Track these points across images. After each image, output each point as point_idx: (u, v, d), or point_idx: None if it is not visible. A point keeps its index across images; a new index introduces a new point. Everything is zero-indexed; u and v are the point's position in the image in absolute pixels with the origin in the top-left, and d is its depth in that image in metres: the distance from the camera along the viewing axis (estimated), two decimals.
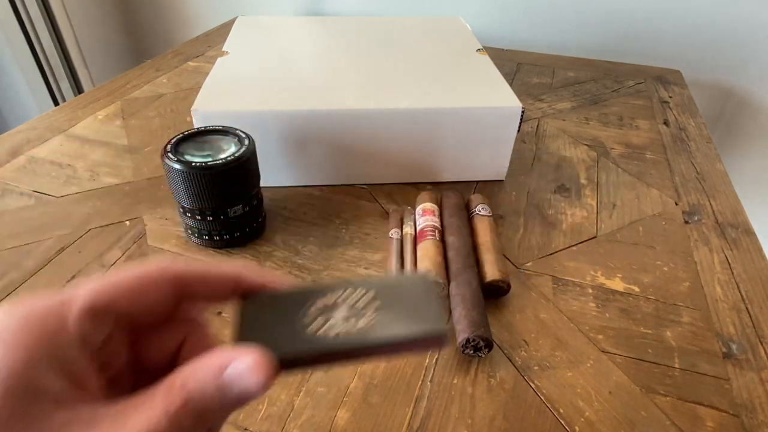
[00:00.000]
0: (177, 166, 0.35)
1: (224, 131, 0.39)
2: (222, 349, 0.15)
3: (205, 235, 0.39)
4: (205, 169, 0.35)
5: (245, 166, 0.37)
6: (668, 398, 0.30)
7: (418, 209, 0.42)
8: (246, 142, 0.38)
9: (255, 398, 0.15)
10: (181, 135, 0.38)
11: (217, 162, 0.35)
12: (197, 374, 0.15)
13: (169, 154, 0.36)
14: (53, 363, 0.14)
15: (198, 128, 0.39)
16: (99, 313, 0.16)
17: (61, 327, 0.15)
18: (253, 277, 0.18)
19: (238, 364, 0.15)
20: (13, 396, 0.13)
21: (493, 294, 0.36)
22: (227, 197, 0.37)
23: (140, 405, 0.14)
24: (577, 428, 0.28)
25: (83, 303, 0.15)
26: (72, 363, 0.15)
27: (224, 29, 0.86)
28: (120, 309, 0.16)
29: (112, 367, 0.17)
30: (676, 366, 0.32)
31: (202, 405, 0.14)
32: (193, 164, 0.35)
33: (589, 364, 0.32)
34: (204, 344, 0.18)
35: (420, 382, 0.31)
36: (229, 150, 0.37)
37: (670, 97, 0.68)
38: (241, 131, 0.39)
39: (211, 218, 0.38)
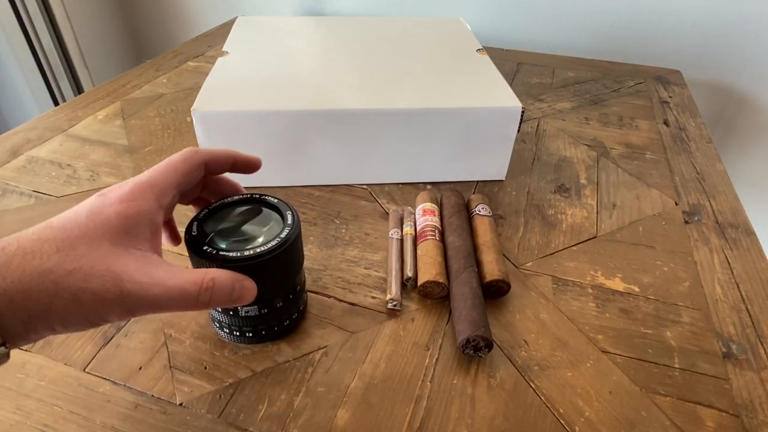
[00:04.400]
0: (202, 256, 0.27)
1: (262, 201, 0.31)
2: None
3: (236, 331, 0.32)
4: (243, 261, 0.27)
5: (290, 251, 0.29)
6: (668, 398, 0.30)
7: (418, 209, 0.42)
8: (290, 218, 0.29)
9: (242, 304, 0.27)
10: (206, 210, 0.30)
11: (261, 252, 0.27)
12: (223, 275, 0.25)
13: (194, 238, 0.28)
14: (150, 222, 0.25)
15: (227, 200, 0.31)
16: (177, 191, 0.27)
17: (156, 202, 0.25)
18: (240, 156, 0.30)
19: (246, 282, 0.26)
20: (127, 224, 0.24)
21: (493, 294, 0.36)
22: (267, 290, 0.29)
23: (186, 271, 0.24)
24: (577, 428, 0.28)
25: (171, 188, 0.26)
26: (156, 226, 0.25)
27: (224, 29, 0.86)
28: (184, 187, 0.28)
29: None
30: (676, 366, 0.32)
31: (218, 292, 0.24)
32: (228, 258, 0.27)
33: (589, 364, 0.32)
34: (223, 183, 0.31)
35: (420, 382, 0.31)
36: (267, 230, 0.29)
37: (670, 97, 0.68)
38: (284, 203, 0.31)
39: (231, 313, 0.31)
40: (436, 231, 0.39)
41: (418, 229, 0.40)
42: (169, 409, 0.29)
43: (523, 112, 0.45)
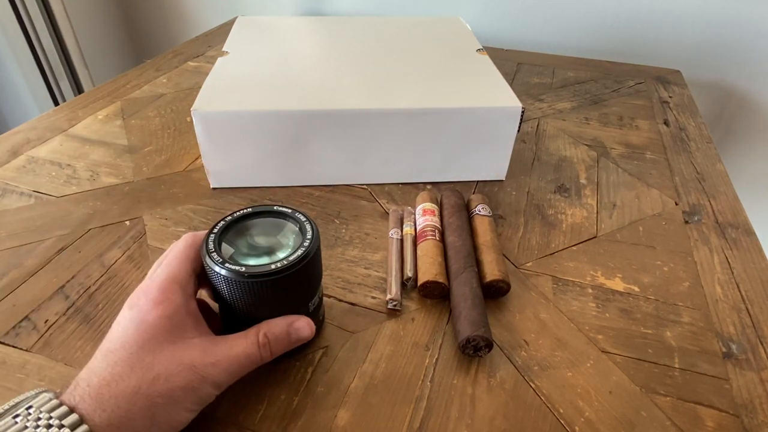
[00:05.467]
0: (223, 272, 0.26)
1: (281, 214, 0.30)
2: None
3: None
4: (263, 276, 0.26)
5: (309, 266, 0.28)
6: (668, 398, 0.30)
7: (418, 209, 0.42)
8: (309, 231, 0.29)
9: (305, 341, 0.29)
10: (224, 222, 0.29)
11: (281, 267, 0.27)
12: (274, 326, 0.28)
13: (213, 254, 0.27)
14: (188, 312, 0.26)
15: (239, 212, 0.30)
16: (194, 275, 0.28)
17: (184, 294, 0.27)
18: None
19: (299, 322, 0.29)
20: (172, 323, 0.25)
21: (493, 294, 0.36)
22: (283, 305, 0.29)
23: (240, 338, 0.27)
24: (577, 428, 0.28)
25: (189, 275, 0.28)
26: (194, 313, 0.27)
27: (224, 29, 0.86)
28: (197, 270, 0.29)
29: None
30: (676, 366, 0.32)
31: (275, 343, 0.27)
32: (246, 273, 0.26)
33: (589, 364, 0.32)
34: None
35: (420, 382, 0.31)
36: (286, 243, 0.29)
37: (670, 97, 0.68)
38: (301, 214, 0.30)
39: None
40: (436, 231, 0.39)
41: (418, 229, 0.40)
42: None
43: (523, 112, 0.45)
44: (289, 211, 0.30)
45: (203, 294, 0.31)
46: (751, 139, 0.82)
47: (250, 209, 0.30)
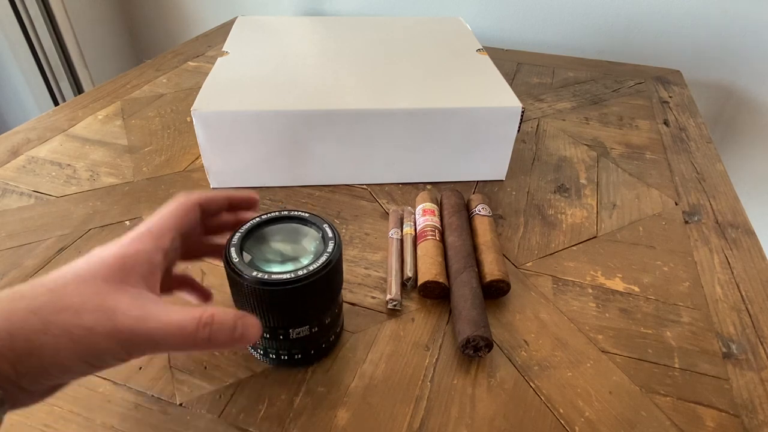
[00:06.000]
0: (236, 273, 0.26)
1: (304, 220, 0.30)
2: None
3: (272, 354, 0.30)
4: (284, 284, 0.26)
5: (332, 273, 0.28)
6: (668, 398, 0.30)
7: (418, 209, 0.42)
8: (331, 240, 0.28)
9: (247, 344, 0.25)
10: (246, 228, 0.29)
11: (303, 275, 0.26)
12: (224, 311, 0.24)
13: (232, 255, 0.27)
14: (146, 260, 0.24)
15: (255, 220, 0.30)
16: (176, 233, 0.27)
17: (154, 242, 0.25)
18: (237, 195, 0.31)
19: (249, 319, 0.24)
20: (123, 263, 0.23)
21: (493, 294, 0.36)
22: (321, 306, 0.29)
23: (185, 308, 0.23)
24: (577, 428, 0.28)
25: (169, 230, 0.26)
26: (154, 266, 0.25)
27: (224, 29, 0.86)
28: (182, 229, 0.27)
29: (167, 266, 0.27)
30: (676, 366, 0.32)
31: (218, 328, 0.23)
32: (266, 280, 0.26)
33: (589, 364, 0.32)
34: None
35: (420, 382, 0.31)
36: (309, 249, 0.29)
37: (670, 97, 0.68)
38: (324, 221, 0.30)
39: (282, 337, 0.29)
40: (436, 231, 0.39)
41: (418, 229, 0.40)
42: (169, 409, 0.29)
43: (523, 112, 0.45)
44: (318, 220, 0.30)
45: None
46: (751, 139, 0.82)
47: (276, 213, 0.30)
